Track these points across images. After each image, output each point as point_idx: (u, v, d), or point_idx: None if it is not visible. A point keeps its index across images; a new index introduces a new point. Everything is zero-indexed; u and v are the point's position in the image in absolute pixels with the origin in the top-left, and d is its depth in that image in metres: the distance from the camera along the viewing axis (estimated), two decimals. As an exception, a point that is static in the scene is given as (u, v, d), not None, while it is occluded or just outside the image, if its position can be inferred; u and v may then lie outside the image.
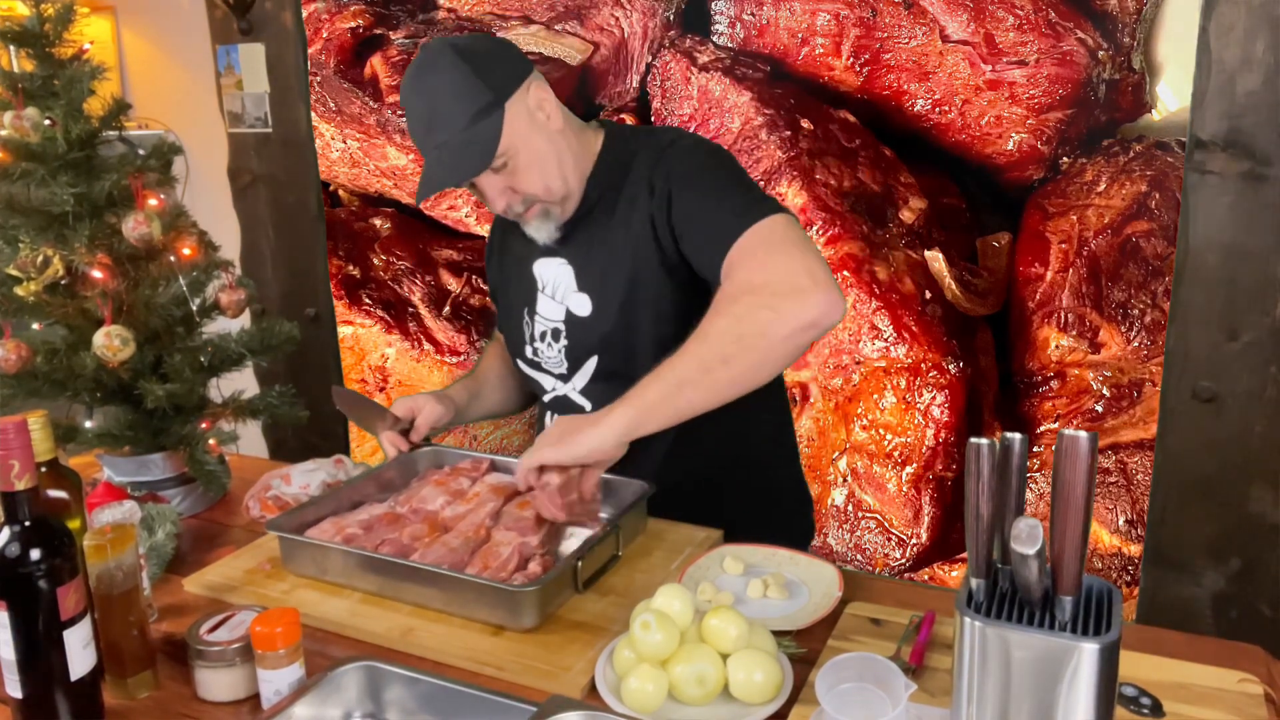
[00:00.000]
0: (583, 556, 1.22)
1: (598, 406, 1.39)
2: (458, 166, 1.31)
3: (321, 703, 1.03)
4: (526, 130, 1.32)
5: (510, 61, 1.35)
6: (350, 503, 1.44)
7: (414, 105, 1.32)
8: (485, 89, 1.30)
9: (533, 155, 1.34)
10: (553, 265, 1.46)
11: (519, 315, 1.53)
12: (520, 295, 1.52)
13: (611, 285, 1.40)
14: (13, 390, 1.50)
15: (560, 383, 1.50)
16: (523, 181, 1.35)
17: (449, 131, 1.30)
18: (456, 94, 1.29)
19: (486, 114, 1.30)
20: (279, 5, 2.96)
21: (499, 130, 1.30)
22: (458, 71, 1.29)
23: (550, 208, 1.39)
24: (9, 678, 0.99)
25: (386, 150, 2.90)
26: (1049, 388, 2.23)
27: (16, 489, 0.97)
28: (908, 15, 2.19)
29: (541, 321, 1.49)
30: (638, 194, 1.37)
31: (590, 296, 1.43)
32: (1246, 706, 1.00)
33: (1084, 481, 0.80)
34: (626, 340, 1.41)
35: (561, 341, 1.47)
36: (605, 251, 1.41)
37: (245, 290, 1.62)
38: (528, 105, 1.33)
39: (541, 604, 1.16)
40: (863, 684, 0.92)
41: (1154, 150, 2.07)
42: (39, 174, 1.48)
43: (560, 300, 1.46)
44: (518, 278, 1.53)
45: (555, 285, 1.46)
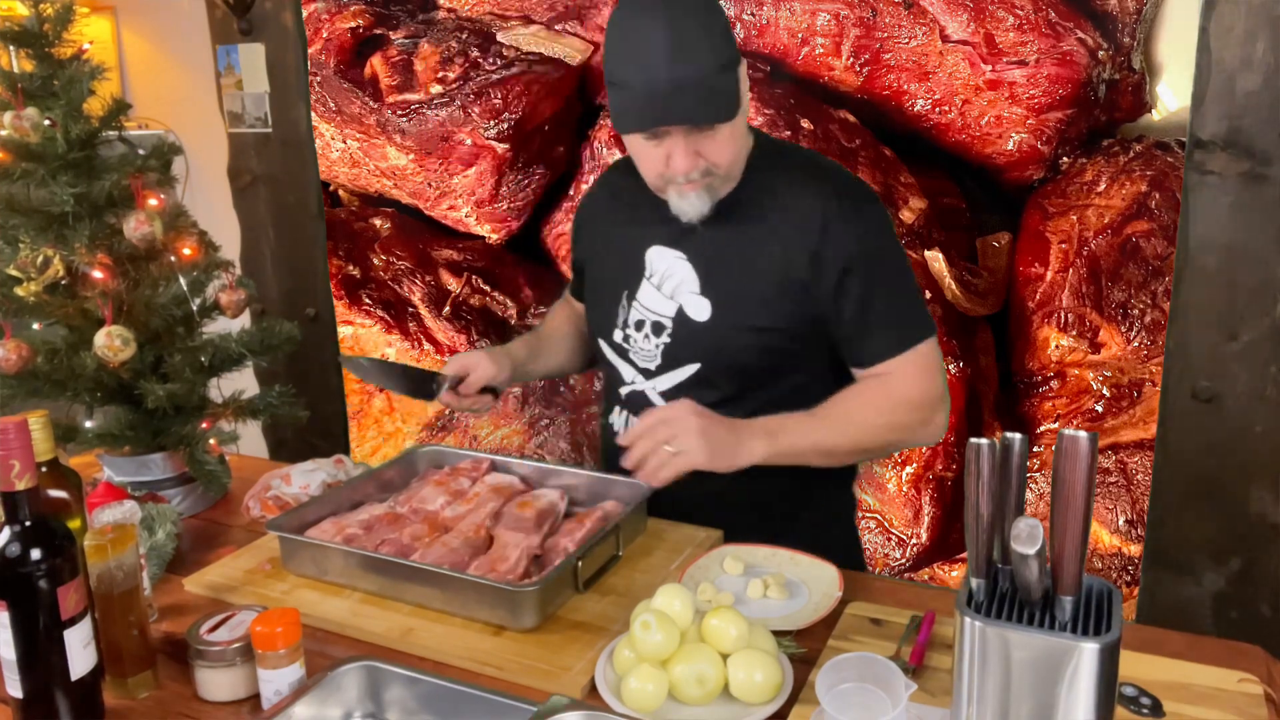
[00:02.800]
0: (583, 556, 1.22)
1: None
2: (702, 108, 1.24)
3: (321, 703, 1.03)
4: (744, 103, 1.31)
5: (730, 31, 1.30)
6: (350, 503, 1.44)
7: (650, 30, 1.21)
8: (729, 46, 1.25)
9: (736, 129, 1.31)
10: (669, 257, 1.41)
11: (614, 296, 1.48)
12: (621, 277, 1.47)
13: (742, 301, 1.37)
14: (13, 390, 1.50)
15: (642, 378, 1.45)
16: (717, 150, 1.29)
17: (698, 69, 1.22)
18: (714, 36, 1.23)
19: (730, 70, 1.25)
20: (279, 5, 2.96)
21: (739, 89, 1.26)
22: (717, 15, 1.24)
23: (717, 184, 1.33)
24: (9, 677, 1.00)
25: (386, 150, 2.90)
26: (1049, 388, 2.23)
27: (17, 489, 0.97)
28: (908, 15, 2.19)
29: (641, 310, 1.44)
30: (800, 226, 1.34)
31: (712, 303, 1.38)
32: (1246, 706, 1.00)
33: (1084, 481, 0.80)
34: (737, 360, 1.39)
35: (663, 338, 1.42)
36: (741, 263, 1.37)
37: (245, 290, 1.62)
38: (746, 80, 1.31)
39: (542, 604, 1.16)
40: (863, 684, 0.92)
41: (1154, 150, 2.07)
42: (39, 174, 1.48)
43: (671, 296, 1.41)
44: (622, 258, 1.47)
45: (667, 278, 1.41)
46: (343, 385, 3.16)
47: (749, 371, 1.39)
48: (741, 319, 1.37)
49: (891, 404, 1.36)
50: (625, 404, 1.49)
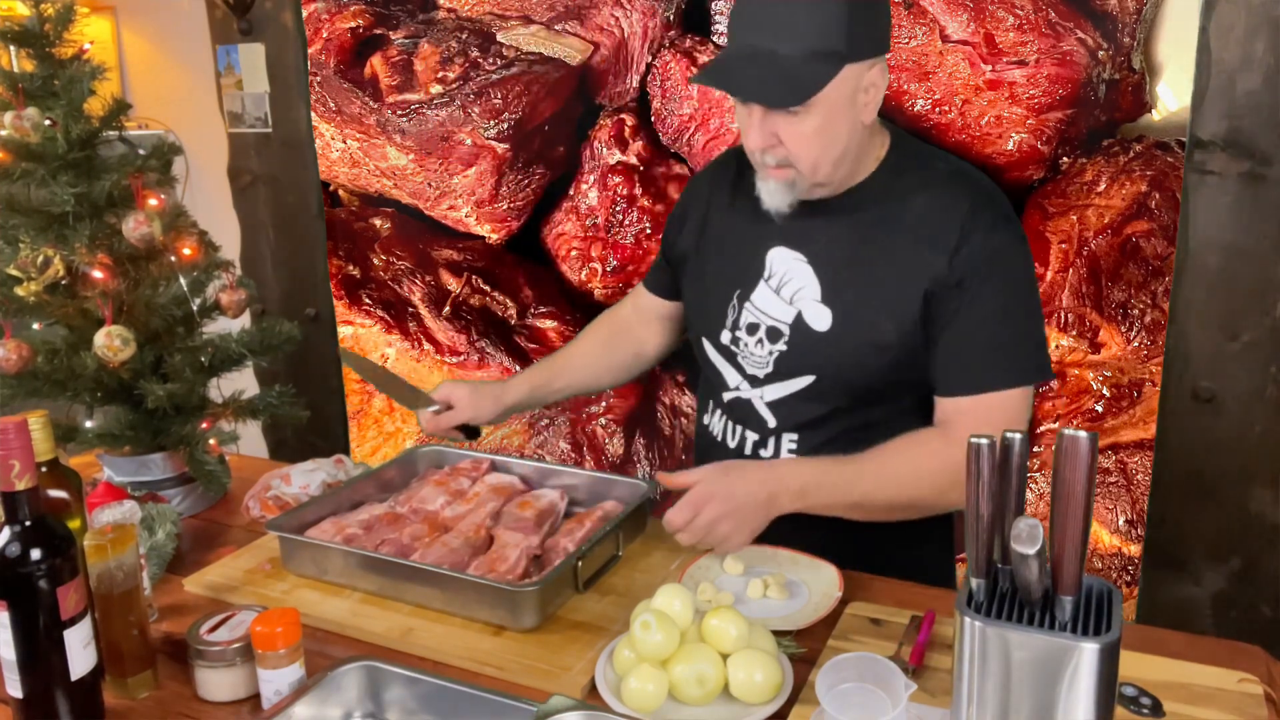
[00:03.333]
0: (583, 556, 1.22)
1: (783, 425, 1.35)
2: (765, 85, 1.18)
3: (321, 703, 1.03)
4: (842, 102, 1.20)
5: (880, 28, 1.23)
6: (350, 503, 1.44)
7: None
8: (843, 38, 1.17)
9: (826, 126, 1.21)
10: (789, 259, 1.33)
11: (723, 296, 1.39)
12: (734, 276, 1.38)
13: (867, 313, 1.28)
14: (13, 390, 1.50)
15: (749, 385, 1.36)
16: (796, 142, 1.22)
17: (785, 47, 1.17)
18: (817, 20, 1.16)
19: (826, 61, 1.17)
20: (279, 5, 2.95)
21: (826, 82, 1.17)
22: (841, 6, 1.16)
23: (800, 181, 1.26)
24: (9, 677, 1.00)
25: (386, 150, 2.90)
26: (1049, 388, 2.23)
27: (17, 489, 0.97)
28: (908, 15, 2.19)
29: (755, 313, 1.35)
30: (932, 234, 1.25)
31: (833, 313, 1.29)
32: (1246, 706, 1.00)
33: (1084, 481, 0.80)
34: (855, 374, 1.30)
35: (779, 344, 1.33)
36: (868, 272, 1.28)
37: (245, 290, 1.62)
38: (861, 80, 1.21)
39: (541, 604, 1.16)
40: (863, 684, 0.92)
41: (1154, 150, 2.07)
42: (39, 174, 1.48)
43: (791, 301, 1.32)
44: (737, 256, 1.38)
45: (786, 281, 1.33)
46: (343, 385, 3.16)
47: (865, 387, 1.31)
48: (865, 332, 1.28)
49: (941, 464, 1.22)
50: (728, 410, 1.41)
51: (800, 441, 1.35)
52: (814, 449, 1.34)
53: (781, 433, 1.36)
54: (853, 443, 1.29)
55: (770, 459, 1.36)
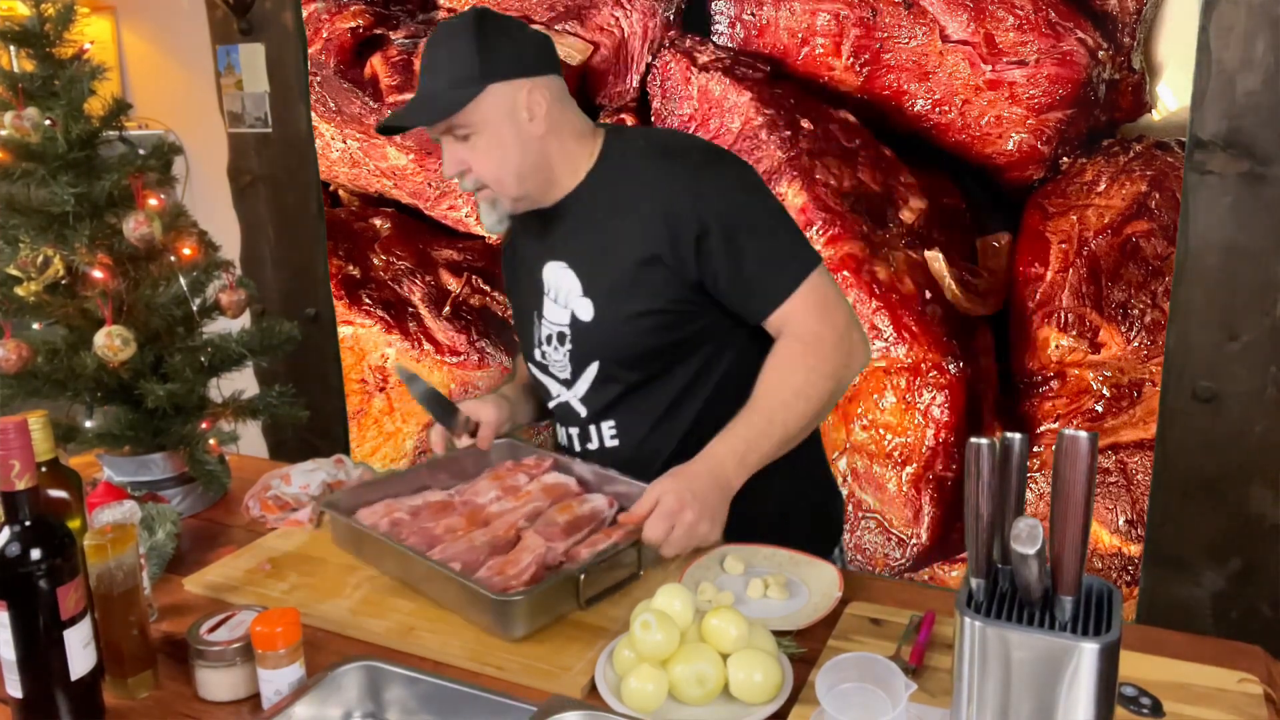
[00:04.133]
0: (585, 571, 1.19)
1: (594, 413, 1.48)
2: (415, 112, 1.38)
3: (321, 703, 1.03)
4: (499, 118, 1.36)
5: (520, 54, 1.38)
6: (417, 485, 1.48)
7: (426, 54, 1.39)
8: (476, 64, 1.34)
9: (494, 143, 1.37)
10: (557, 270, 1.47)
11: (529, 317, 1.54)
12: (530, 298, 1.53)
13: (616, 293, 1.41)
14: (13, 390, 1.50)
15: (564, 389, 1.50)
16: (477, 162, 1.38)
17: (432, 84, 1.37)
18: (452, 58, 1.35)
19: (464, 85, 1.34)
20: (279, 5, 2.96)
21: (463, 103, 1.34)
22: (463, 40, 1.35)
23: (498, 199, 1.42)
24: (9, 677, 1.00)
25: (386, 150, 2.90)
26: (1049, 388, 2.23)
27: (17, 489, 0.97)
28: (908, 15, 2.19)
29: (548, 325, 1.50)
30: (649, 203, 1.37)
31: (593, 301, 1.43)
32: (1246, 706, 1.00)
33: (1084, 481, 0.80)
34: (628, 348, 1.42)
35: (566, 345, 1.47)
36: (610, 259, 1.41)
37: (245, 290, 1.62)
38: (516, 98, 1.36)
39: (530, 615, 1.14)
40: (863, 684, 0.92)
41: (1154, 150, 2.07)
42: (39, 174, 1.48)
43: (565, 305, 1.46)
44: (528, 280, 1.54)
45: (559, 289, 1.47)
46: (342, 385, 3.16)
47: (646, 356, 1.42)
48: (619, 308, 1.41)
49: (816, 354, 1.36)
50: (558, 416, 1.55)
51: (618, 426, 1.48)
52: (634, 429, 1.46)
53: (598, 421, 1.49)
54: (673, 410, 1.43)
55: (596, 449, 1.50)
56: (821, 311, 1.37)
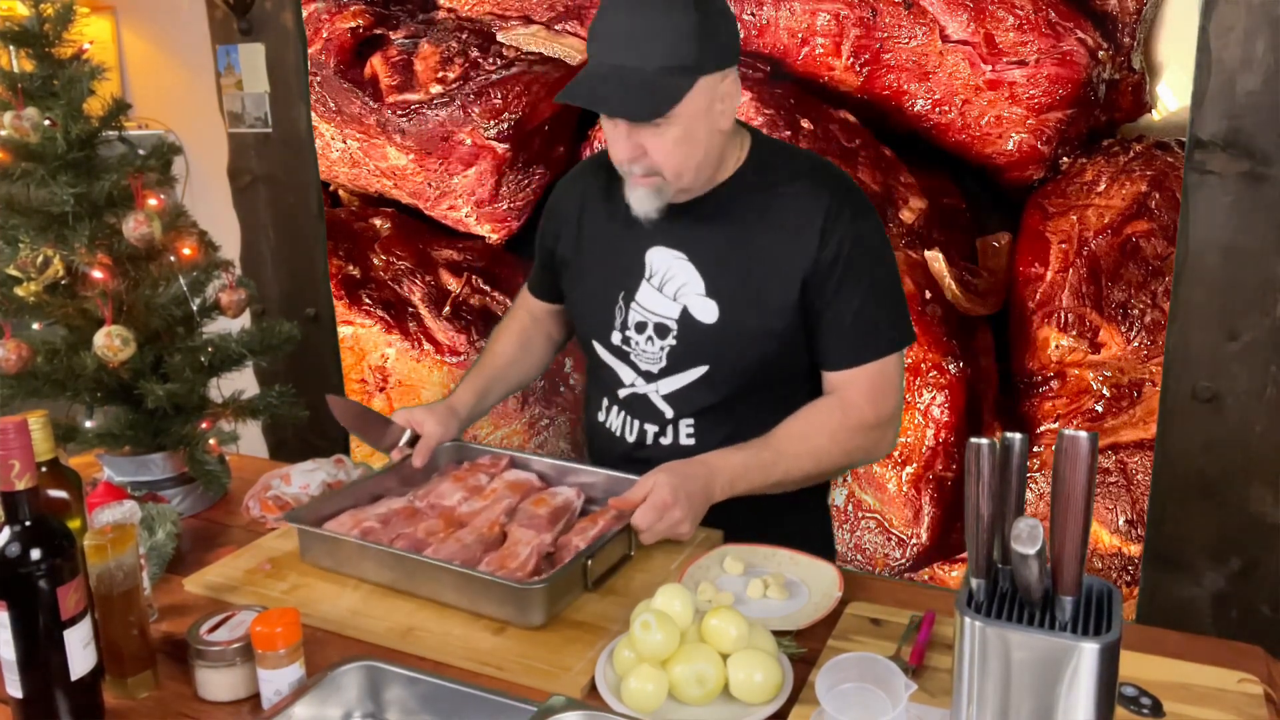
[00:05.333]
0: (593, 555, 1.22)
1: (679, 414, 1.44)
2: (623, 100, 1.24)
3: (321, 703, 1.03)
4: (699, 113, 1.27)
5: (729, 41, 1.30)
6: (370, 496, 1.45)
7: (619, 14, 1.25)
8: (694, 52, 1.23)
9: (686, 136, 1.28)
10: (669, 257, 1.40)
11: (609, 299, 1.46)
12: (617, 278, 1.45)
13: (750, 303, 1.37)
14: (13, 390, 1.50)
15: (644, 381, 1.45)
16: (660, 151, 1.29)
17: (640, 61, 1.23)
18: (668, 34, 1.22)
19: (681, 75, 1.24)
20: (279, 5, 2.95)
21: (681, 96, 1.24)
22: (684, 16, 1.22)
23: (665, 187, 1.34)
24: (9, 678, 1.00)
25: (386, 150, 2.90)
26: (1049, 388, 2.23)
27: (17, 489, 0.97)
28: (908, 15, 2.19)
29: (642, 312, 1.43)
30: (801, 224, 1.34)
31: (719, 305, 1.38)
32: (1246, 706, 1.00)
33: (1084, 481, 0.80)
34: (744, 362, 1.39)
35: (668, 340, 1.41)
36: (746, 264, 1.37)
37: (245, 290, 1.62)
38: (716, 91, 1.28)
39: (549, 601, 1.17)
40: (863, 684, 0.92)
41: (1154, 150, 2.07)
42: (39, 174, 1.48)
43: (674, 297, 1.40)
44: (615, 259, 1.46)
45: (668, 279, 1.40)
46: (343, 385, 3.16)
47: (754, 374, 1.40)
48: (750, 320, 1.38)
49: (847, 429, 1.38)
50: (625, 406, 1.49)
51: (697, 427, 1.44)
52: (711, 434, 1.43)
53: (679, 420, 1.45)
54: (749, 425, 1.38)
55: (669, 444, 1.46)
56: (877, 394, 1.37)
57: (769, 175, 1.39)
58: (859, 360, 1.37)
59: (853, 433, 1.37)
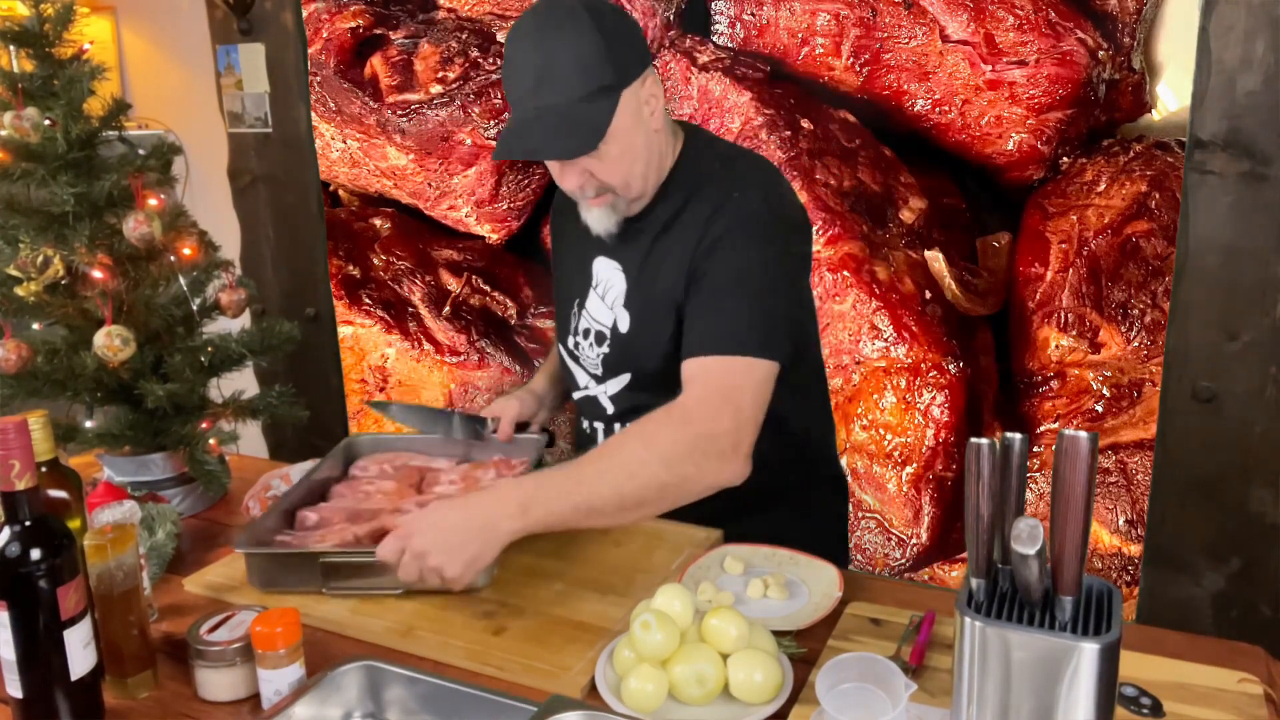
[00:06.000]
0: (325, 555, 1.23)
1: (622, 414, 1.42)
2: (560, 142, 1.23)
3: (321, 703, 1.03)
4: (630, 123, 1.26)
5: (638, 46, 1.28)
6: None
7: (525, 56, 1.22)
8: (611, 71, 1.22)
9: (625, 149, 1.27)
10: (608, 268, 1.41)
11: (570, 303, 1.48)
12: (576, 284, 1.47)
13: (652, 313, 1.35)
14: (13, 390, 1.50)
15: (594, 382, 1.46)
16: (606, 171, 1.28)
17: (560, 98, 1.21)
18: (581, 63, 1.20)
19: (603, 96, 1.22)
20: (279, 5, 2.95)
21: (609, 117, 1.22)
22: (589, 40, 1.20)
23: (619, 201, 1.33)
24: (9, 678, 1.00)
25: (386, 150, 2.90)
26: (1049, 388, 2.23)
27: (17, 489, 0.97)
28: (908, 15, 2.19)
29: (588, 319, 1.44)
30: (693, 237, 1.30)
31: (630, 315, 1.38)
32: (1246, 706, 1.00)
33: (1084, 481, 0.80)
34: (659, 371, 1.35)
35: (603, 348, 1.42)
36: (654, 274, 1.35)
37: (245, 290, 1.62)
38: (639, 97, 1.26)
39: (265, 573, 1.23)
40: (863, 684, 0.92)
41: (1154, 150, 2.06)
42: (39, 174, 1.48)
43: (611, 306, 1.41)
44: (576, 266, 1.46)
45: (609, 288, 1.41)
46: (343, 385, 3.16)
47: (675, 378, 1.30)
48: (653, 329, 1.35)
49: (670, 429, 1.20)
50: (581, 407, 1.51)
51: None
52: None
53: (623, 419, 1.42)
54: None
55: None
56: (714, 396, 1.21)
57: (687, 180, 1.35)
58: (698, 349, 1.24)
59: (674, 434, 1.19)
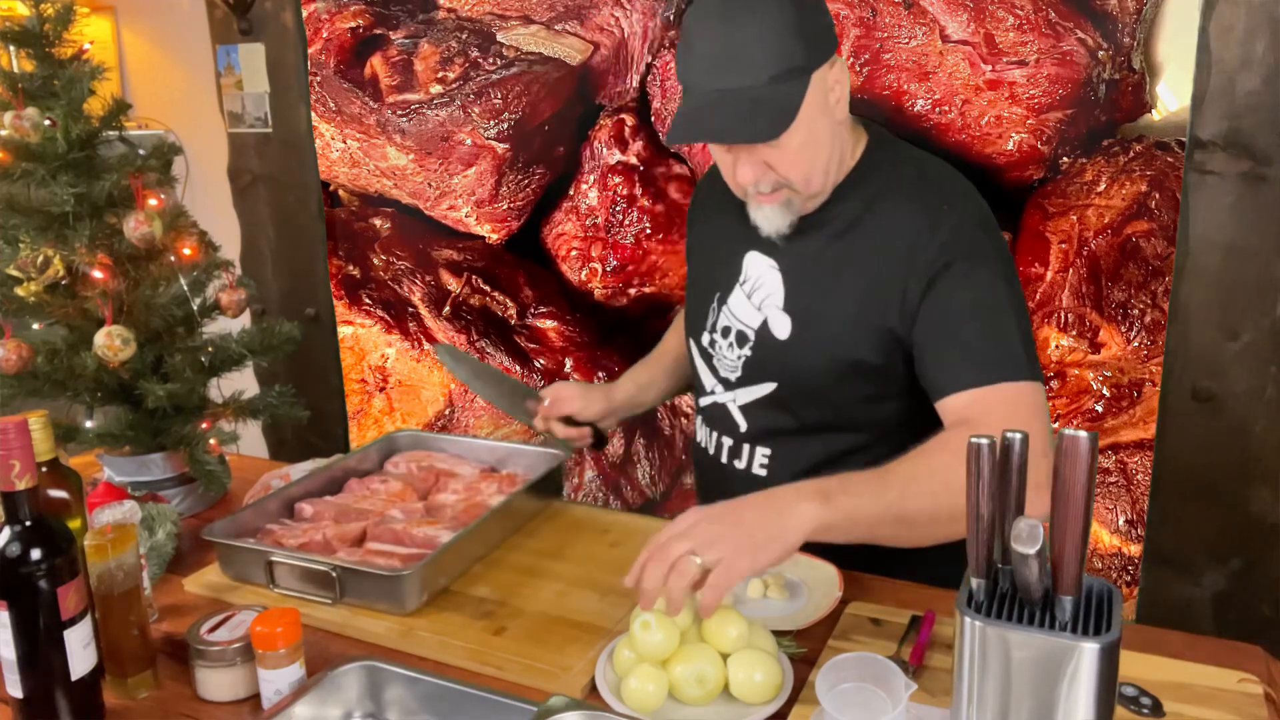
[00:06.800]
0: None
1: (753, 430, 1.32)
2: (745, 124, 1.13)
3: (321, 703, 1.03)
4: (817, 110, 1.16)
5: (830, 23, 1.18)
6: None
7: (710, 34, 1.12)
8: (801, 49, 1.12)
9: (810, 139, 1.16)
10: (762, 265, 1.30)
11: (708, 296, 1.37)
12: (716, 277, 1.36)
13: (824, 322, 1.24)
14: (13, 390, 1.50)
15: (723, 388, 1.34)
16: (786, 163, 1.17)
17: (747, 80, 1.11)
18: (770, 40, 1.11)
19: (793, 78, 1.12)
20: (279, 5, 2.95)
21: (800, 100, 1.12)
22: (782, 17, 1.11)
23: (795, 199, 1.22)
24: (9, 678, 1.00)
25: (386, 150, 2.90)
26: (1049, 388, 2.23)
27: (17, 489, 0.97)
28: (908, 15, 2.19)
29: (729, 317, 1.33)
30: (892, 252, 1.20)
31: (793, 321, 1.26)
32: (1246, 706, 1.00)
33: (1084, 481, 0.80)
34: (814, 385, 1.26)
35: (745, 349, 1.31)
36: (828, 281, 1.24)
37: (245, 290, 1.62)
38: (827, 82, 1.17)
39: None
40: (863, 684, 0.92)
41: (1154, 150, 2.07)
42: (39, 174, 1.48)
43: (759, 307, 1.29)
44: (720, 258, 1.36)
45: (758, 287, 1.30)
46: (343, 385, 3.16)
47: (829, 400, 1.26)
48: (821, 342, 1.24)
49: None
50: (707, 415, 1.39)
51: (774, 458, 1.31)
52: (786, 468, 1.28)
53: (755, 442, 1.33)
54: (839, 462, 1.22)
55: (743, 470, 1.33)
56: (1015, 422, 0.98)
57: (873, 183, 1.25)
58: (983, 379, 1.13)
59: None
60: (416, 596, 1.20)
